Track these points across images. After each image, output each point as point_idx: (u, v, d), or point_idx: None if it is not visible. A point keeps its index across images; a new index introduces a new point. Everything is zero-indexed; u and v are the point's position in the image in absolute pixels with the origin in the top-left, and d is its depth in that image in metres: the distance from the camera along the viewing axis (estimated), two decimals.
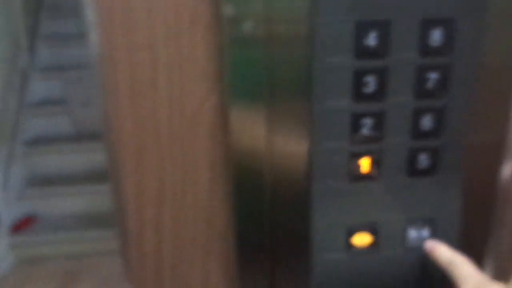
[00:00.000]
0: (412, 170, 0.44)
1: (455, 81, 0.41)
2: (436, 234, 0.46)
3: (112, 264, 2.26)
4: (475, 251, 0.46)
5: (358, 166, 0.43)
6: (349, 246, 0.46)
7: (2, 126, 2.47)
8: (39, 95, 2.79)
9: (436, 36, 0.40)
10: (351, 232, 0.45)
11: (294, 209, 0.44)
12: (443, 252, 0.45)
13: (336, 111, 0.41)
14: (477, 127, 0.44)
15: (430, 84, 0.41)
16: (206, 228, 0.46)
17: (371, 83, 0.40)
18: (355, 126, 0.42)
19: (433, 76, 0.41)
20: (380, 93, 0.41)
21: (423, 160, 0.44)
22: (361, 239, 0.46)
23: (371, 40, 0.39)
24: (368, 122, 0.41)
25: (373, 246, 0.46)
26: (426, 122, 0.42)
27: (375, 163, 0.43)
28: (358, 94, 0.41)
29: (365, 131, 0.42)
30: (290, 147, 0.42)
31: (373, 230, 0.46)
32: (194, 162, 0.44)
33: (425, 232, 0.46)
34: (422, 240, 0.46)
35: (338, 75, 0.40)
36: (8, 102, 2.56)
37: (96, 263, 2.29)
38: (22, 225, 2.42)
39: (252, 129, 0.41)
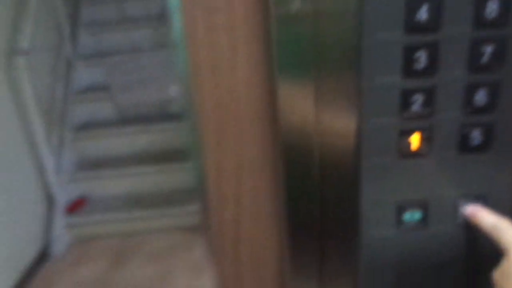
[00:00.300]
0: (464, 147, 0.43)
1: (511, 54, 0.40)
2: None
3: (158, 241, 2.37)
4: None
5: (408, 143, 0.43)
6: (399, 223, 0.46)
7: (52, 114, 2.59)
8: (83, 82, 2.90)
9: (491, 7, 0.38)
10: (400, 209, 0.46)
11: (343, 186, 0.45)
12: (486, 217, 0.43)
13: (385, 87, 0.41)
14: None
15: (485, 58, 0.40)
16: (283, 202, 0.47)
17: (422, 58, 0.40)
18: (405, 102, 0.41)
19: (488, 49, 0.39)
20: (431, 69, 0.40)
21: (476, 136, 0.43)
22: (411, 216, 0.46)
23: (423, 14, 0.38)
24: (418, 98, 0.41)
25: (423, 223, 0.46)
26: (480, 97, 0.41)
27: (426, 140, 0.43)
28: (408, 70, 0.40)
29: (415, 107, 0.41)
30: (339, 124, 0.43)
31: (423, 207, 0.46)
32: (271, 139, 0.45)
33: None
34: None
35: (387, 50, 0.39)
36: (55, 90, 2.68)
37: (143, 241, 2.40)
38: (75, 207, 2.56)
39: (301, 107, 0.42)
